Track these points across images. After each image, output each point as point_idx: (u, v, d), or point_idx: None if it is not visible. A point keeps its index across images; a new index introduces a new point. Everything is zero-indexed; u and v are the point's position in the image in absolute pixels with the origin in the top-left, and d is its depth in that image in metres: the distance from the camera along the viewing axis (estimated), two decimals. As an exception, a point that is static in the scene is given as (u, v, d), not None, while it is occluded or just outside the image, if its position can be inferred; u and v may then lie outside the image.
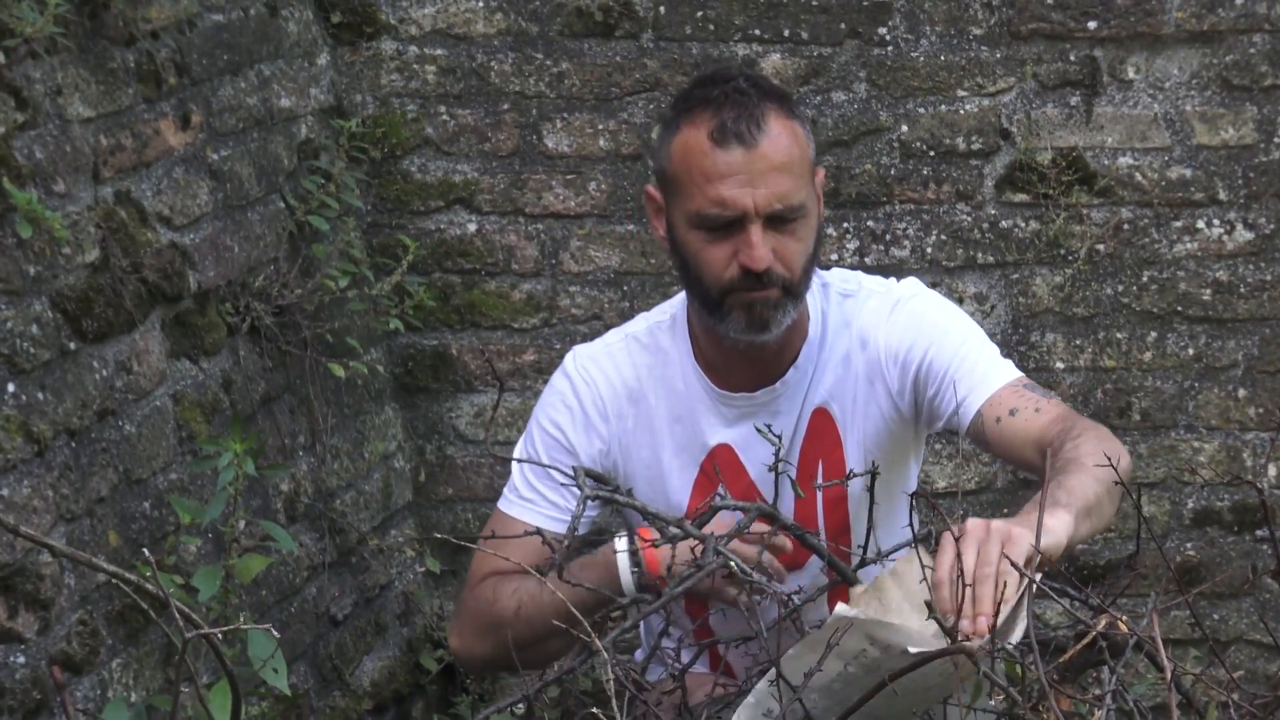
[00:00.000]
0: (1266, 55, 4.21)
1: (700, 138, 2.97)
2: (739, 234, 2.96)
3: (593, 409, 3.14)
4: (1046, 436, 2.88)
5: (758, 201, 2.94)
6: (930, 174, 4.30)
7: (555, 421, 3.15)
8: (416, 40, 4.35)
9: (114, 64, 3.35)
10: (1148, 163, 4.28)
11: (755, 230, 2.95)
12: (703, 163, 2.96)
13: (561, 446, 3.14)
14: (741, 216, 2.95)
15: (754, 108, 2.96)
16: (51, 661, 2.98)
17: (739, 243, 2.96)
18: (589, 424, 3.14)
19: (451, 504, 4.52)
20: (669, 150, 3.02)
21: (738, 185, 2.95)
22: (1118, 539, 4.39)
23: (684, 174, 2.99)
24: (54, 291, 3.09)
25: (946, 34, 4.27)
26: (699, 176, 2.96)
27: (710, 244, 2.98)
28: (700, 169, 2.96)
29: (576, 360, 3.20)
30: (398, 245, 4.32)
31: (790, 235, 2.98)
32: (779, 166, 2.96)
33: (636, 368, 3.16)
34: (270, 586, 3.71)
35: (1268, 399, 4.31)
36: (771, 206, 2.95)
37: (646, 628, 3.22)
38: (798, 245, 2.99)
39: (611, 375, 3.16)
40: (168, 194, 3.49)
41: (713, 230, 2.97)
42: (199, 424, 3.48)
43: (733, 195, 2.95)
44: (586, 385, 3.15)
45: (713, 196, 2.95)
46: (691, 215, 2.99)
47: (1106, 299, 4.31)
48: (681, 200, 3.01)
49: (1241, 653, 4.41)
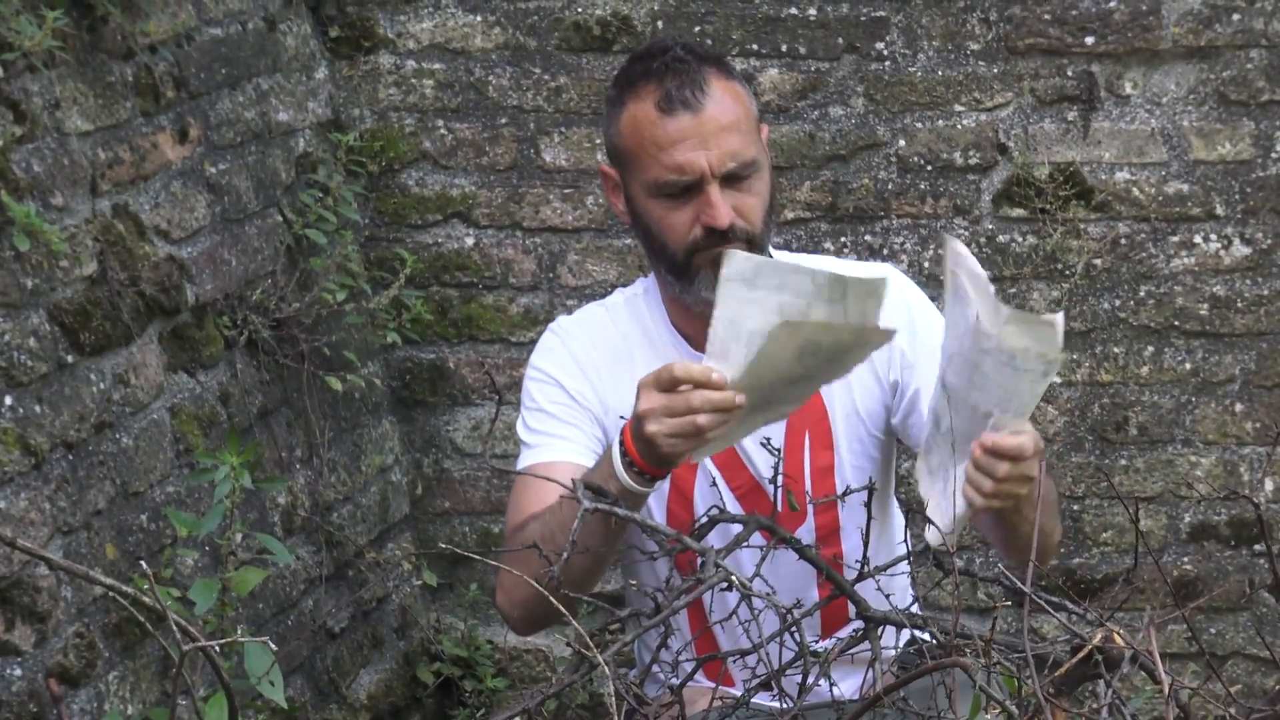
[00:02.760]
0: (1263, 70, 4.21)
1: (647, 109, 3.06)
2: (698, 196, 3.05)
3: (581, 357, 3.22)
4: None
5: (712, 162, 3.04)
6: (928, 188, 4.30)
7: (542, 369, 3.21)
8: (414, 54, 4.36)
9: (112, 78, 3.35)
10: (1145, 178, 4.28)
11: (714, 190, 3.04)
12: (654, 133, 3.05)
13: (554, 384, 3.19)
14: (699, 179, 3.04)
15: (694, 73, 3.06)
16: (48, 674, 2.98)
17: (699, 205, 3.05)
18: (578, 366, 3.20)
19: (449, 517, 4.51)
20: (618, 127, 3.11)
21: (690, 149, 3.03)
22: (1115, 553, 4.39)
23: (636, 146, 3.08)
24: (51, 304, 3.10)
25: (944, 49, 4.27)
26: (651, 147, 3.05)
27: (671, 210, 3.07)
28: (652, 139, 3.05)
29: (559, 323, 3.28)
30: (395, 259, 4.32)
31: (746, 191, 3.08)
32: (727, 126, 3.05)
33: (619, 328, 3.25)
34: (267, 599, 3.71)
35: (1264, 413, 4.31)
36: (725, 165, 3.04)
37: (644, 640, 3.23)
38: (754, 200, 3.08)
39: (595, 334, 3.24)
40: (165, 207, 3.49)
41: (672, 197, 3.06)
42: (196, 437, 3.48)
43: (688, 159, 3.03)
44: (572, 339, 3.23)
45: (668, 164, 3.04)
46: (650, 185, 3.07)
47: (1104, 313, 4.32)
48: (638, 172, 3.09)
49: (1238, 667, 4.41)
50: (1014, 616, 4.30)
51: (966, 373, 2.72)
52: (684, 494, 3.20)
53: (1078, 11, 4.22)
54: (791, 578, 3.08)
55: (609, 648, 2.60)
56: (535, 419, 3.21)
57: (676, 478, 3.22)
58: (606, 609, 2.88)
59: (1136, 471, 4.35)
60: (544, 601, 2.82)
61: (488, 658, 4.49)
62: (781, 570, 2.93)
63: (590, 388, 3.19)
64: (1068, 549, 4.38)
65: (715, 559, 2.65)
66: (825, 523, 3.17)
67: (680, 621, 3.16)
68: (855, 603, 2.70)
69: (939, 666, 2.30)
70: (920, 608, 3.09)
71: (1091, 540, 4.38)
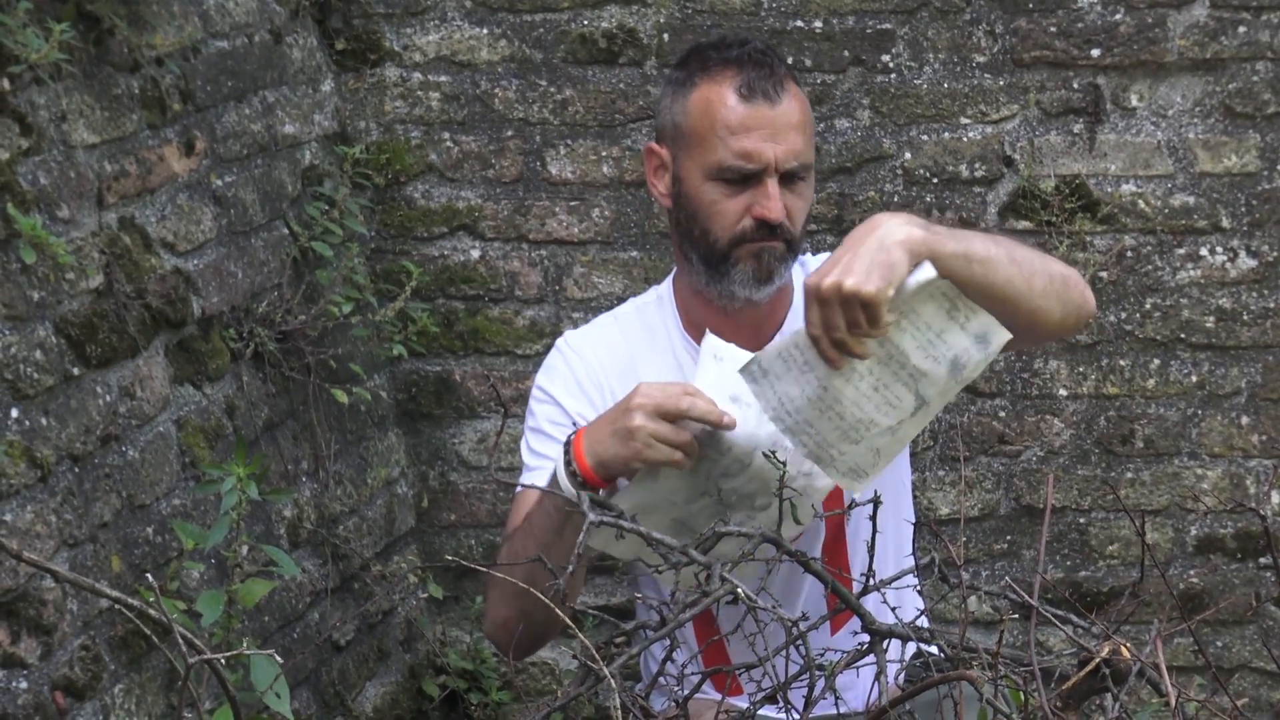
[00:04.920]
0: (1269, 83, 4.21)
1: (725, 93, 3.12)
2: (755, 187, 3.11)
3: (584, 377, 3.25)
4: None
5: (778, 155, 3.10)
6: (934, 201, 4.30)
7: (544, 388, 3.26)
8: (420, 67, 4.36)
9: (118, 90, 3.35)
10: (1151, 190, 4.28)
11: (773, 184, 3.10)
12: (728, 117, 3.11)
13: (555, 405, 3.24)
14: (761, 170, 3.10)
15: (776, 68, 3.14)
16: (54, 687, 2.98)
17: (755, 195, 3.11)
18: (580, 388, 3.24)
19: (454, 530, 4.51)
20: (685, 105, 3.16)
21: (761, 139, 3.10)
22: (1121, 566, 4.38)
23: (705, 128, 3.13)
24: (58, 317, 3.10)
25: (950, 61, 4.27)
26: (723, 129, 3.11)
27: (726, 196, 3.12)
28: (724, 122, 3.11)
29: (566, 340, 3.31)
30: (401, 271, 4.32)
31: (797, 194, 3.14)
32: (796, 125, 3.12)
33: (627, 341, 3.27)
34: (273, 612, 3.71)
35: (1271, 426, 4.31)
36: (789, 163, 3.11)
37: (650, 653, 3.22)
38: (802, 204, 3.15)
39: (601, 350, 3.27)
40: (172, 220, 3.50)
41: (730, 183, 3.12)
42: (202, 450, 3.48)
43: (757, 148, 3.09)
44: (577, 357, 3.27)
45: (736, 149, 3.10)
46: (711, 167, 3.12)
47: (1110, 326, 4.32)
48: (699, 153, 3.14)
49: (1245, 680, 4.40)
50: (1020, 629, 4.29)
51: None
52: None
53: (1083, 24, 4.22)
54: (790, 577, 3.09)
55: (615, 660, 2.60)
56: (537, 440, 3.23)
57: None
58: (612, 622, 2.88)
59: (1143, 484, 4.34)
60: (527, 615, 2.84)
61: (493, 671, 4.49)
62: (781, 569, 2.94)
63: (592, 408, 3.19)
64: (1073, 561, 4.38)
65: (721, 572, 2.65)
66: (833, 524, 3.20)
67: (686, 634, 3.16)
68: (861, 616, 2.69)
69: (945, 679, 2.30)
70: (927, 620, 3.09)
71: (1098, 553, 4.38)
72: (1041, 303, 3.00)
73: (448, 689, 4.42)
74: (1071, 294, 3.06)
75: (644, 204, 4.31)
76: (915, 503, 4.32)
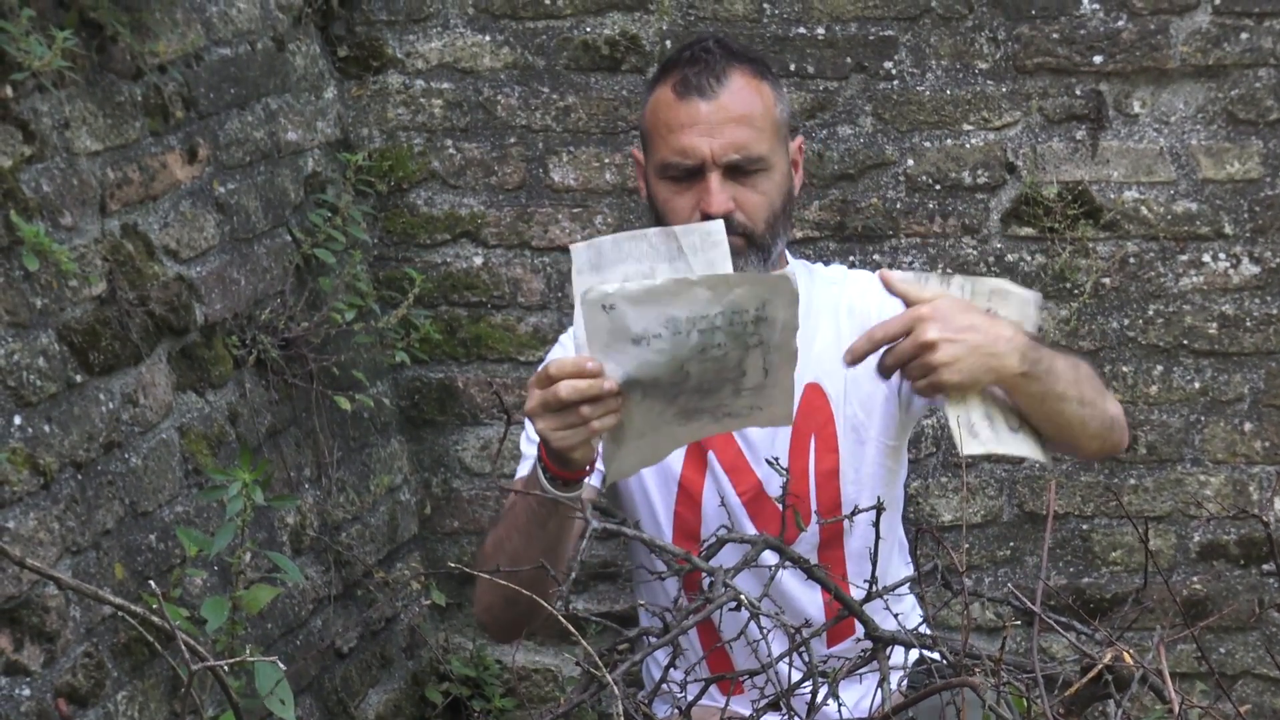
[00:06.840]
0: (1272, 90, 4.21)
1: (666, 93, 3.18)
2: (700, 183, 3.13)
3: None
4: None
5: (714, 150, 3.12)
6: (936, 208, 4.30)
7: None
8: (423, 74, 4.36)
9: (121, 98, 3.35)
10: (1153, 196, 4.28)
11: (714, 178, 3.12)
12: (667, 115, 3.16)
13: None
14: (700, 165, 3.12)
15: (716, 64, 3.15)
16: (57, 694, 2.98)
17: (700, 191, 3.13)
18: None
19: (457, 537, 4.51)
20: (645, 110, 3.24)
21: (696, 135, 3.12)
22: (1124, 572, 4.38)
23: (653, 128, 3.20)
24: (60, 324, 3.10)
25: (952, 68, 4.27)
26: (663, 129, 3.16)
27: (675, 194, 3.16)
28: (664, 121, 3.16)
29: (569, 334, 3.36)
30: (404, 278, 4.32)
31: (750, 187, 3.15)
32: (737, 118, 3.13)
33: None
34: (276, 619, 3.71)
35: (1274, 433, 4.31)
36: (728, 156, 3.12)
37: (653, 659, 3.22)
38: (759, 198, 3.15)
39: None
40: (174, 227, 3.50)
41: (677, 180, 3.15)
42: (205, 457, 3.48)
43: (691, 144, 3.12)
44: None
45: (674, 146, 3.14)
46: (659, 166, 3.18)
47: (1112, 332, 4.31)
48: (651, 154, 3.21)
49: (1248, 686, 4.40)
50: (1023, 636, 4.29)
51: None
52: (692, 497, 3.22)
53: (1086, 31, 4.23)
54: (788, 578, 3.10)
55: (618, 667, 2.60)
56: (532, 428, 3.22)
57: (685, 481, 3.23)
58: (615, 629, 2.88)
59: (1145, 491, 4.34)
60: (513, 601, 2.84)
61: (496, 678, 4.49)
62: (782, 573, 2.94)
63: None
64: (1076, 568, 4.38)
65: (724, 578, 2.65)
66: (826, 498, 3.21)
67: (690, 640, 3.17)
68: (864, 623, 2.69)
69: (948, 686, 2.30)
70: (929, 627, 3.09)
71: (1100, 560, 4.38)
72: (1085, 442, 3.12)
73: (451, 696, 4.42)
74: (1113, 436, 3.17)
75: (646, 211, 4.31)
76: (918, 509, 4.32)
